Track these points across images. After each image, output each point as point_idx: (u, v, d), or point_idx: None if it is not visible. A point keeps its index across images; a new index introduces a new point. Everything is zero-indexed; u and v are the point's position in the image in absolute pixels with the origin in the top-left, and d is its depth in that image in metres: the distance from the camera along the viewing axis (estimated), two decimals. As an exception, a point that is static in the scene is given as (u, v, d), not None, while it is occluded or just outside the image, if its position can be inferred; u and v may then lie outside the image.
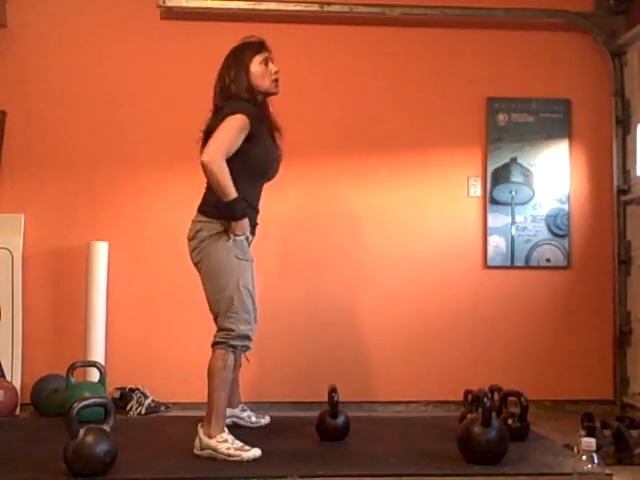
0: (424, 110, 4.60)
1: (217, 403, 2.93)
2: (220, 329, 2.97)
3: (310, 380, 4.35)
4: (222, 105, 3.08)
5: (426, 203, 4.59)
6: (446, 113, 4.60)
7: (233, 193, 2.92)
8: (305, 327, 4.46)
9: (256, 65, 3.12)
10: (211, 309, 3.04)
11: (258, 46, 3.16)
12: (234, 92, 3.07)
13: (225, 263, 2.97)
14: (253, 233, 3.18)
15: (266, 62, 3.15)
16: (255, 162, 3.07)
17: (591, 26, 4.59)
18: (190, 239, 3.06)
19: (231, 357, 2.94)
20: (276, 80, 3.17)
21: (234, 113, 2.96)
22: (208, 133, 3.05)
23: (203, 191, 3.14)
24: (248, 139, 3.00)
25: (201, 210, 3.08)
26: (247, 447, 2.87)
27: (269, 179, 3.24)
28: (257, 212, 3.21)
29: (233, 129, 2.96)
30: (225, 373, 2.94)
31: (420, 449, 3.11)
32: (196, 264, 3.06)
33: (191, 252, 3.06)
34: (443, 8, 4.50)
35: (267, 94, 3.18)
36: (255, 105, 3.08)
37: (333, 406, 3.22)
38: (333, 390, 3.23)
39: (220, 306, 2.97)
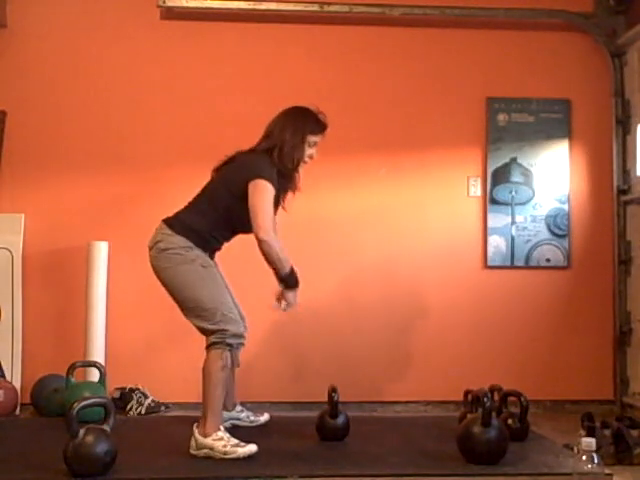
0: (424, 110, 4.60)
1: (213, 402, 2.95)
2: (213, 332, 2.98)
3: (310, 380, 4.35)
4: (259, 148, 3.17)
5: (426, 203, 4.59)
6: (446, 113, 4.60)
7: (288, 266, 3.13)
8: (305, 327, 4.46)
9: (307, 142, 3.20)
10: (192, 320, 3.05)
11: (321, 128, 3.24)
12: (275, 152, 3.14)
13: (194, 275, 3.03)
14: (212, 257, 3.22)
15: (314, 144, 3.23)
16: (237, 220, 3.15)
17: (591, 26, 4.59)
18: (149, 248, 3.12)
19: (228, 356, 2.95)
20: (305, 162, 3.25)
21: (262, 178, 3.05)
22: (231, 160, 3.19)
23: (184, 205, 3.23)
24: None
25: (167, 222, 3.12)
26: (243, 443, 2.88)
27: (245, 233, 3.28)
28: (221, 244, 3.26)
29: (268, 198, 3.07)
30: (222, 373, 2.95)
31: (420, 449, 3.11)
32: (156, 274, 3.10)
33: (150, 261, 3.10)
34: (443, 8, 4.50)
35: (295, 166, 3.22)
36: (281, 173, 3.16)
37: (333, 406, 3.22)
38: (333, 390, 3.23)
39: (205, 315, 3.00)
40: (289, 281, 3.18)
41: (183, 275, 3.04)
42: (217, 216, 3.13)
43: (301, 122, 3.19)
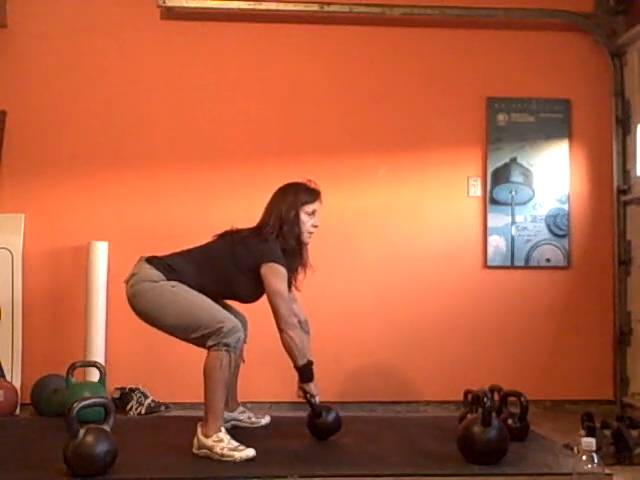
0: (424, 110, 4.60)
1: (213, 403, 2.95)
2: (210, 335, 2.98)
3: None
4: (260, 231, 3.22)
5: (426, 203, 4.59)
6: (446, 113, 4.60)
7: (304, 359, 3.17)
8: (305, 327, 4.46)
9: (304, 213, 3.27)
10: (187, 337, 3.07)
11: (314, 197, 3.31)
12: (280, 234, 3.21)
13: (170, 296, 3.07)
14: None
15: (313, 213, 3.29)
16: (235, 290, 3.26)
17: (591, 26, 4.59)
18: (126, 281, 3.17)
19: (225, 356, 2.95)
20: (311, 232, 3.31)
21: (275, 262, 3.13)
22: (242, 240, 3.21)
23: (178, 248, 3.26)
24: (255, 277, 3.16)
25: (147, 258, 3.17)
26: (242, 447, 2.88)
27: (235, 300, 3.38)
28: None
29: (284, 282, 3.18)
30: (220, 373, 2.94)
31: (420, 449, 3.11)
32: (132, 307, 3.15)
33: (126, 292, 3.16)
34: (443, 8, 4.50)
35: (298, 240, 3.28)
36: (288, 252, 3.23)
37: (311, 406, 3.25)
38: (302, 391, 3.26)
39: (198, 325, 3.00)
40: (303, 374, 3.22)
41: (163, 300, 3.07)
42: (213, 276, 3.18)
43: (292, 197, 3.27)
